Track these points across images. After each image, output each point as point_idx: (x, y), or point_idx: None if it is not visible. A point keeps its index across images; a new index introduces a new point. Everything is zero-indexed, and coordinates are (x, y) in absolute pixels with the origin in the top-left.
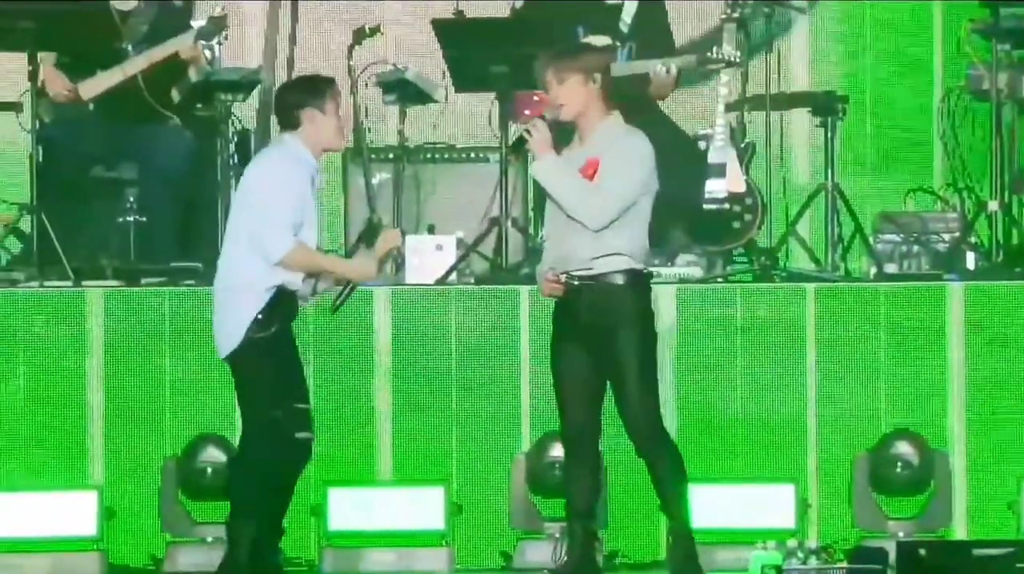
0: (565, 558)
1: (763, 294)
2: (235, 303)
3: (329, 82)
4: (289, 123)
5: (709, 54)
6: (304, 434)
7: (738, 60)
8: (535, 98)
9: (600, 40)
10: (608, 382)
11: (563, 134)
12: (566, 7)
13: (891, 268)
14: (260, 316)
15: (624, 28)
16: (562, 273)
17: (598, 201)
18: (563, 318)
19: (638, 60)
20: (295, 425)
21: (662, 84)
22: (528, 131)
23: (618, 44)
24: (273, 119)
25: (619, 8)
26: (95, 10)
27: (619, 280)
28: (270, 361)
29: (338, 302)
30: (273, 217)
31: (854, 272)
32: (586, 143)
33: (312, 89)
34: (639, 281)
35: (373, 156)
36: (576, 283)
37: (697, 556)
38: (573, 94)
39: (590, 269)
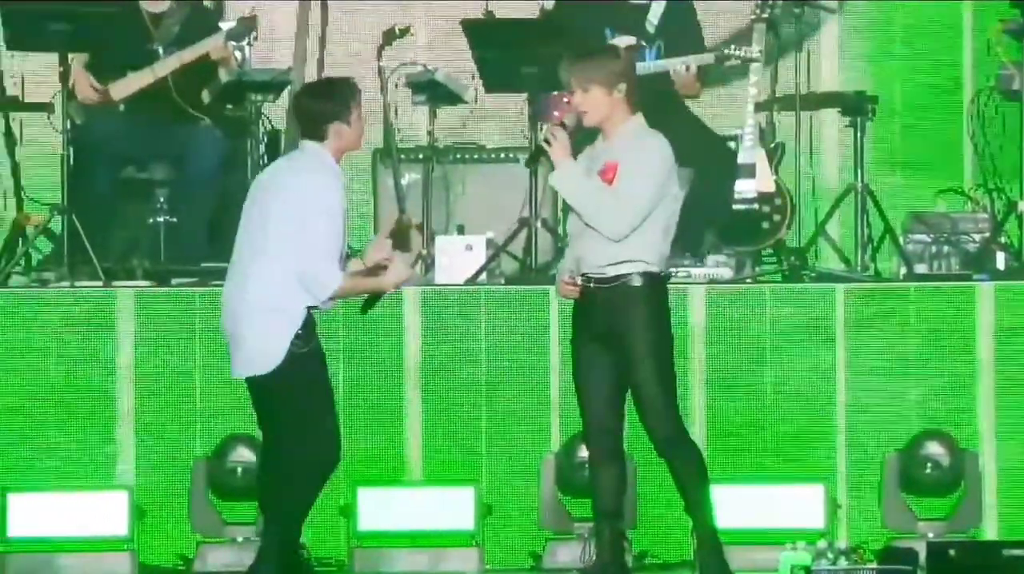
0: (594, 558)
1: (792, 294)
2: (272, 324)
3: (353, 91)
4: (314, 135)
5: (727, 51)
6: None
7: (757, 57)
8: (564, 99)
9: (625, 41)
10: (631, 387)
11: (591, 135)
12: (594, 8)
13: (921, 268)
14: (301, 332)
15: (650, 28)
16: (579, 275)
17: (617, 207)
18: (580, 320)
19: (662, 59)
20: (335, 427)
21: (684, 83)
22: (547, 140)
23: (644, 44)
24: None
25: (646, 8)
26: (126, 12)
27: (635, 282)
28: (316, 371)
29: (368, 307)
30: (323, 254)
31: (884, 272)
32: (607, 144)
33: (338, 100)
34: (655, 284)
35: (403, 156)
36: (592, 286)
37: (723, 555)
38: (597, 103)
39: (604, 272)
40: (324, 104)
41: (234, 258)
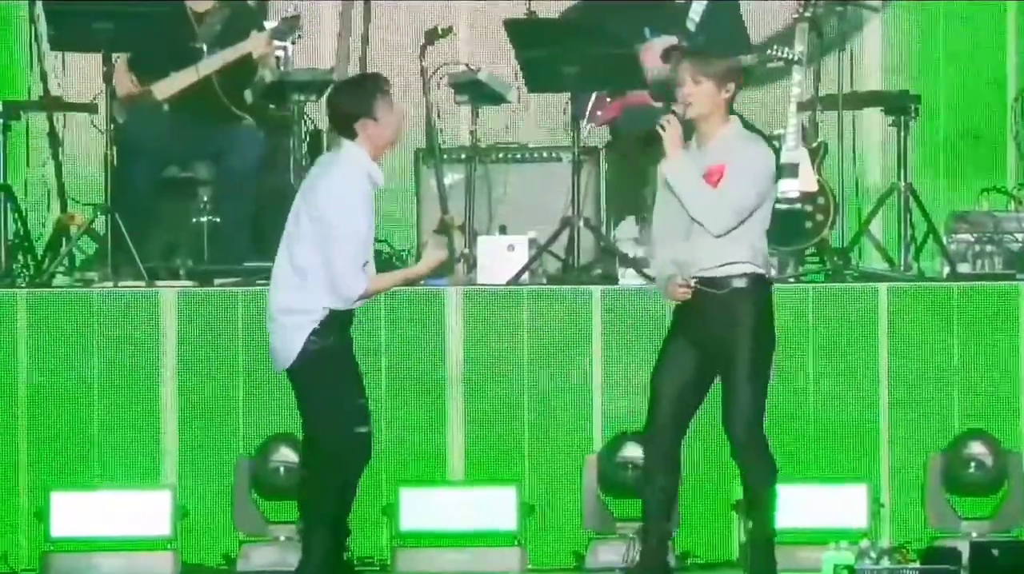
0: (637, 559)
1: (836, 294)
2: (291, 324)
3: (376, 84)
4: (345, 134)
5: (771, 52)
6: (363, 428)
7: (797, 58)
8: (607, 99)
9: (665, 41)
10: (723, 386)
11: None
12: (633, 7)
13: (964, 268)
14: (318, 326)
15: (691, 26)
16: (691, 278)
17: (721, 209)
18: (680, 319)
19: None
20: (358, 422)
21: None
22: (662, 126)
23: (685, 43)
24: None
25: (686, 6)
26: (171, 11)
27: (742, 284)
28: (331, 368)
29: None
30: (348, 259)
31: (927, 272)
32: (707, 147)
33: (360, 97)
34: (761, 286)
35: (445, 156)
36: (700, 287)
37: (774, 561)
38: (706, 97)
39: (714, 274)
40: (347, 102)
41: (277, 258)
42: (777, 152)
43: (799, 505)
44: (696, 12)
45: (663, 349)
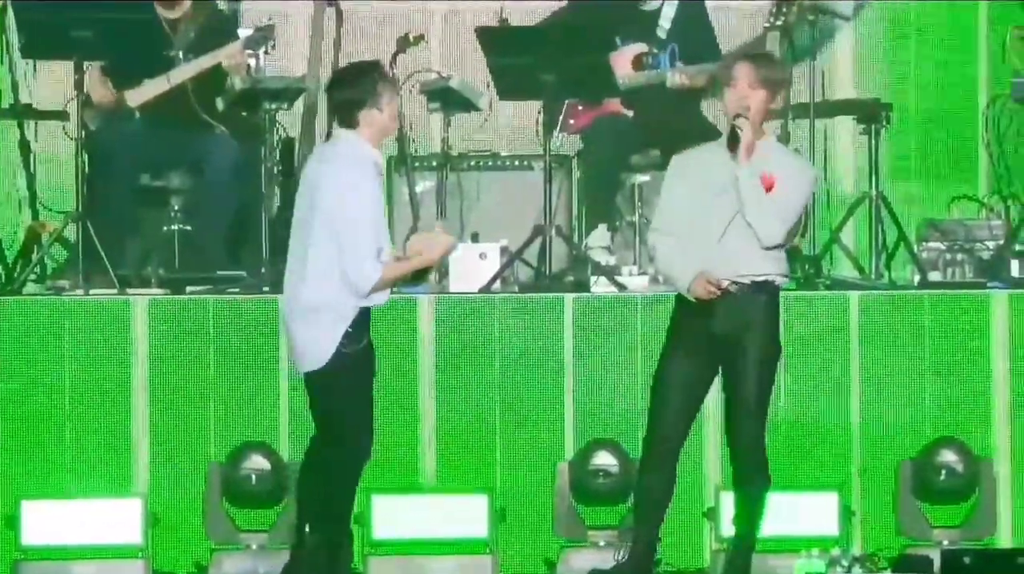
0: (626, 558)
1: (807, 302)
2: (321, 322)
3: (381, 74)
4: (347, 123)
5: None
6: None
7: None
8: (579, 107)
9: (635, 49)
10: (727, 389)
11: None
12: (604, 15)
13: (935, 276)
14: (351, 330)
15: (662, 34)
16: (724, 280)
17: (777, 224)
18: (691, 320)
19: (680, 62)
20: (371, 425)
21: (685, 88)
22: (741, 127)
23: (655, 51)
24: (318, 126)
25: (656, 14)
26: (144, 19)
27: (766, 294)
28: (363, 370)
29: (418, 279)
30: (359, 250)
31: (898, 280)
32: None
33: (364, 87)
34: (777, 297)
35: (417, 164)
36: (729, 290)
37: (750, 570)
38: (760, 103)
39: (744, 281)
40: (351, 92)
41: (289, 254)
42: None
43: (770, 513)
44: (666, 18)
45: (669, 346)
